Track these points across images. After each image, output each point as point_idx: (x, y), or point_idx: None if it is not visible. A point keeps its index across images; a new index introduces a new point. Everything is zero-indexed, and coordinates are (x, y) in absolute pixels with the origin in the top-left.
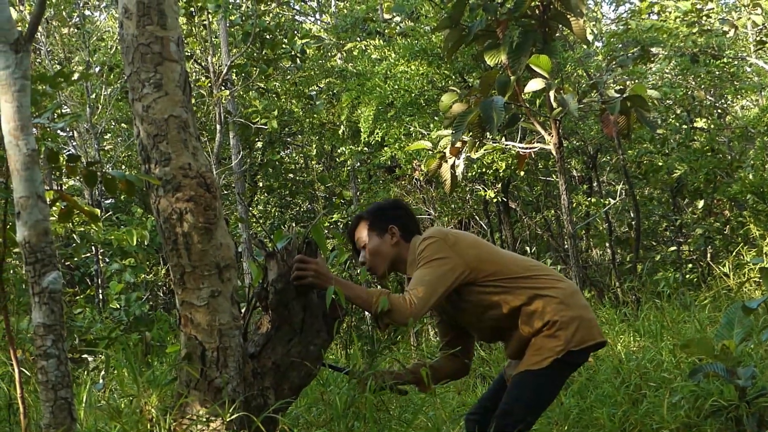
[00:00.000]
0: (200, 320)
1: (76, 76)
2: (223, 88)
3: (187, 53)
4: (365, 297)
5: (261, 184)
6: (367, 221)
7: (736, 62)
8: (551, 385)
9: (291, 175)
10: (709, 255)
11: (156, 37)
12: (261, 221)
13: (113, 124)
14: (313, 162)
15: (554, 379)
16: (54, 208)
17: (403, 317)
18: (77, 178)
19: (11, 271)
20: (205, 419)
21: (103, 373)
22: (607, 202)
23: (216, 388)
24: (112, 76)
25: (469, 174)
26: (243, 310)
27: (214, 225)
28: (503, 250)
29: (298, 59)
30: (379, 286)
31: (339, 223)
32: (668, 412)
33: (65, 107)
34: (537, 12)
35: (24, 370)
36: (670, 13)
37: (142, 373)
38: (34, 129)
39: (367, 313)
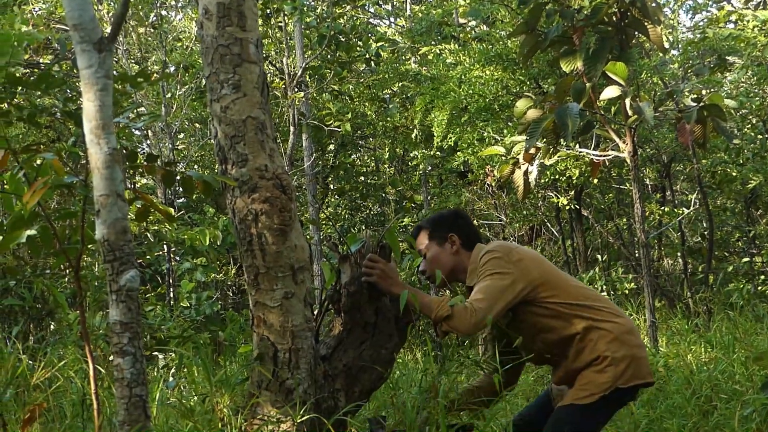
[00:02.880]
0: (273, 321)
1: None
2: (297, 89)
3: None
4: (427, 302)
5: (332, 187)
6: (427, 230)
7: None
8: (595, 421)
9: (362, 178)
10: None
11: (235, 38)
12: (333, 224)
13: (187, 123)
14: (384, 165)
15: (598, 416)
16: (130, 207)
17: (464, 325)
18: (157, 177)
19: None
20: (275, 420)
21: (173, 371)
22: (680, 212)
23: (287, 389)
24: (187, 76)
25: (542, 180)
26: (315, 312)
27: (289, 227)
28: (566, 274)
29: (372, 62)
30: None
31: (409, 227)
32: (739, 424)
33: (141, 107)
34: (614, 19)
35: (98, 366)
36: (748, 22)
37: (214, 372)
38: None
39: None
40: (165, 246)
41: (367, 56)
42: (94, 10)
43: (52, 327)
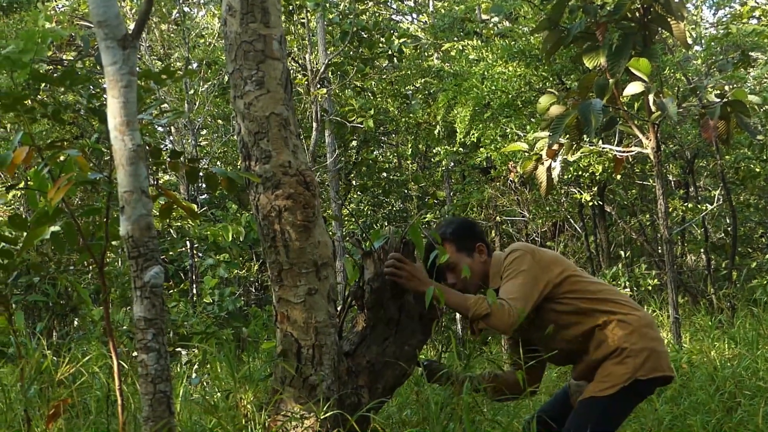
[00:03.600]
0: (297, 317)
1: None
2: (319, 86)
3: None
4: (461, 301)
5: (354, 183)
6: (453, 243)
7: None
8: (616, 412)
9: (385, 174)
10: None
11: (259, 34)
12: (356, 220)
13: (210, 120)
14: (407, 161)
15: (620, 407)
16: (154, 203)
17: (502, 323)
18: (180, 174)
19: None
20: (299, 416)
21: (196, 366)
22: (703, 208)
23: (311, 385)
24: (210, 73)
25: (565, 177)
26: (339, 309)
27: (312, 223)
28: (585, 272)
29: (395, 58)
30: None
31: (432, 224)
32: (763, 421)
33: (164, 103)
34: (637, 15)
35: (122, 362)
36: None
37: (237, 368)
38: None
39: (459, 315)
40: (188, 242)
41: (390, 52)
42: (118, 6)
43: (75, 323)
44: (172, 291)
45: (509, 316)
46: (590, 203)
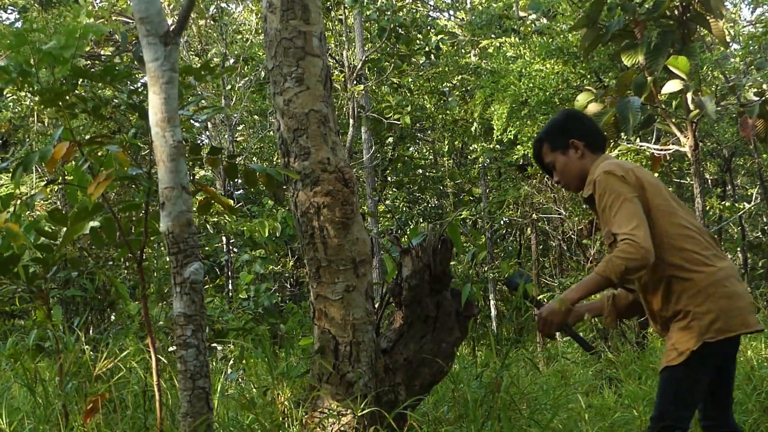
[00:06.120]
0: (334, 314)
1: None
2: (356, 82)
3: None
4: (597, 281)
5: (390, 179)
6: (547, 142)
7: None
8: (693, 378)
9: (420, 171)
10: None
11: (299, 31)
12: (394, 216)
13: (246, 115)
14: (443, 158)
15: (695, 371)
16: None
17: (639, 261)
18: (218, 170)
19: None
20: (336, 413)
21: (231, 362)
22: (741, 207)
23: (348, 382)
24: (247, 69)
25: None
26: (376, 306)
27: (351, 220)
28: (673, 202)
29: (432, 55)
30: None
31: (467, 221)
32: None
33: (203, 99)
34: (676, 13)
35: (159, 357)
36: None
37: (275, 365)
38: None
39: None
40: (224, 238)
41: (427, 49)
42: (159, 3)
43: (112, 318)
44: (208, 286)
45: (636, 250)
46: None
